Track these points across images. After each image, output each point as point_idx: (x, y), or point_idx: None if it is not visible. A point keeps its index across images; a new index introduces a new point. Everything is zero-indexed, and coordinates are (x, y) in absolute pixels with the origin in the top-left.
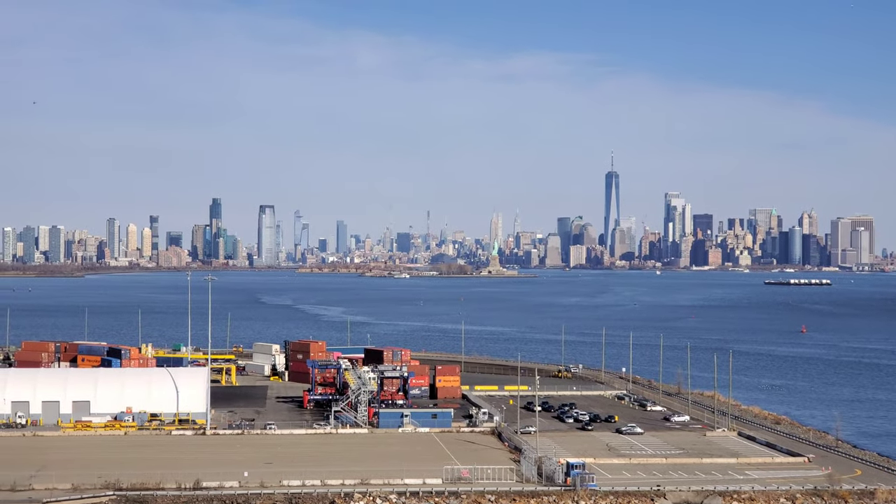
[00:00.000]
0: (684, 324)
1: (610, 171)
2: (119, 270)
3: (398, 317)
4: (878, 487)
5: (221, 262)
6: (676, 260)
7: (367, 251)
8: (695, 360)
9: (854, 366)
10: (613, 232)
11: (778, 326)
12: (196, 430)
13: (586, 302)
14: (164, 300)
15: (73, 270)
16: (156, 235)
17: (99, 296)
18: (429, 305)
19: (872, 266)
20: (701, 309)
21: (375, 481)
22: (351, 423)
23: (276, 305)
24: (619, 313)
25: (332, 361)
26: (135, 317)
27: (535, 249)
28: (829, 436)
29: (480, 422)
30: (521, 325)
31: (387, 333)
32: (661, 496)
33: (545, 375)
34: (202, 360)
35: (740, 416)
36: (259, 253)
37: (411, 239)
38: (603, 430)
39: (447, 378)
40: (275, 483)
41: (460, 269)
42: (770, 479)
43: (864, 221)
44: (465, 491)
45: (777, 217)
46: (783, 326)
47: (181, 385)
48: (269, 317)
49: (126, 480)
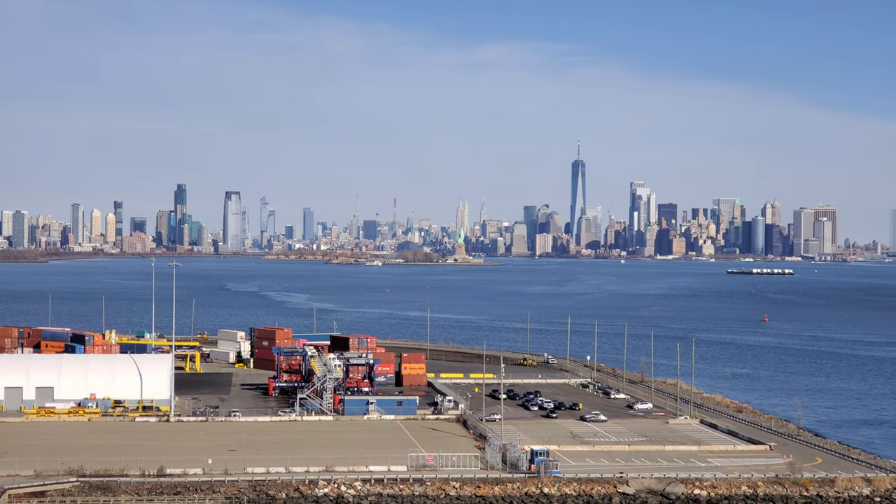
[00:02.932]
0: (649, 312)
1: (576, 160)
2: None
3: (364, 304)
4: (838, 475)
5: (186, 248)
6: (641, 249)
7: (334, 238)
8: (658, 348)
9: (815, 355)
10: (579, 221)
11: (740, 315)
12: (160, 416)
13: (552, 290)
14: (128, 286)
15: (37, 256)
16: (120, 221)
17: (63, 281)
18: (395, 293)
19: (835, 256)
20: (665, 298)
21: (340, 468)
22: (316, 410)
23: (241, 292)
24: (584, 302)
25: (297, 348)
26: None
27: (501, 238)
28: (791, 424)
29: (446, 409)
30: (486, 313)
31: (353, 321)
32: (623, 483)
33: (510, 363)
34: (166, 347)
35: (703, 404)
36: (224, 239)
37: (378, 226)
38: (567, 418)
39: (413, 366)
40: (239, 470)
41: (426, 257)
42: (732, 467)
43: (827, 212)
44: (430, 478)
45: (740, 207)
46: (745, 315)
47: (145, 372)
48: (234, 304)
49: (90, 467)
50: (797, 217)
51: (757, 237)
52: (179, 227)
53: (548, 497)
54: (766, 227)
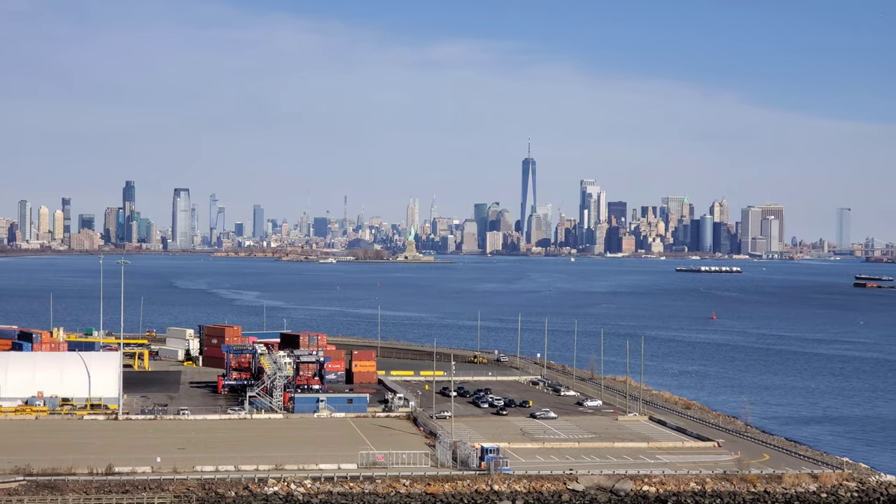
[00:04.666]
0: (598, 310)
1: (527, 158)
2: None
3: (315, 302)
4: (785, 472)
5: (135, 245)
6: (591, 247)
7: (284, 236)
8: (608, 345)
9: (763, 352)
10: (530, 218)
11: (689, 313)
12: (108, 415)
13: (502, 288)
14: (76, 284)
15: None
16: (68, 218)
17: (10, 279)
18: (346, 290)
19: (782, 254)
20: (615, 296)
21: (290, 466)
22: (266, 408)
23: (190, 290)
24: (534, 299)
25: (247, 346)
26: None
27: (451, 235)
28: (739, 421)
29: (396, 407)
30: (437, 310)
31: (303, 318)
32: (573, 480)
33: (461, 361)
34: (114, 345)
35: (651, 401)
36: (173, 237)
37: (328, 224)
38: (517, 415)
39: (363, 363)
40: (188, 468)
41: (377, 255)
42: (680, 464)
43: (774, 210)
44: (380, 476)
45: (689, 205)
46: (694, 313)
47: (93, 369)
48: (183, 301)
49: (37, 466)
50: (745, 215)
51: (705, 235)
52: (128, 224)
53: (498, 494)
54: (714, 226)
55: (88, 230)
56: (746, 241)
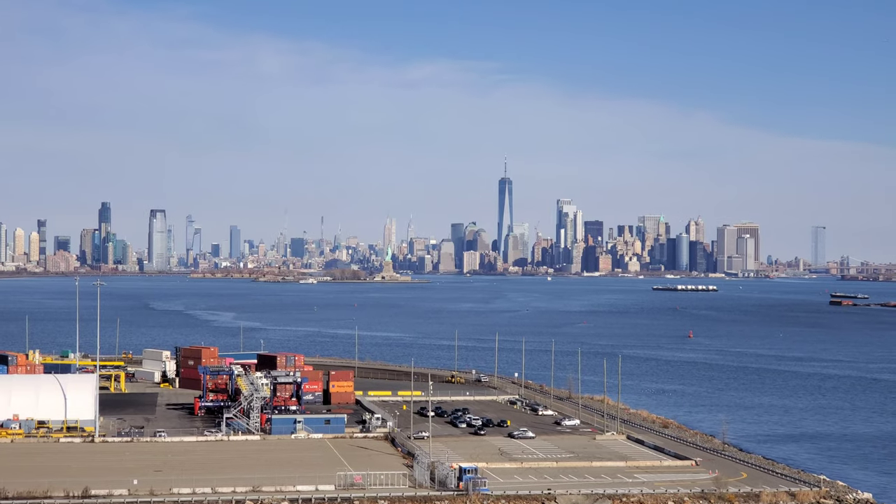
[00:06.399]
0: (575, 329)
1: (503, 178)
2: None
3: (292, 322)
4: (762, 490)
5: (111, 267)
6: (568, 266)
7: (261, 256)
8: (585, 365)
9: (740, 371)
10: (507, 238)
11: (666, 332)
12: (84, 437)
13: (480, 308)
14: (51, 306)
15: None
16: (43, 240)
17: None
18: (323, 311)
19: (758, 272)
20: (591, 315)
21: (267, 488)
22: (243, 429)
23: (166, 311)
24: (511, 319)
25: (223, 367)
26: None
27: (428, 255)
28: (716, 439)
29: (374, 427)
30: (414, 330)
31: (280, 339)
32: (551, 500)
33: (438, 381)
34: (91, 367)
35: (629, 420)
36: (150, 258)
37: (305, 244)
38: (495, 435)
39: (341, 384)
40: (165, 491)
41: (354, 275)
42: (658, 482)
43: (750, 229)
44: (358, 497)
45: (665, 224)
46: (671, 332)
47: (69, 392)
48: (159, 323)
49: (12, 489)
50: (720, 234)
51: (681, 254)
52: (104, 245)
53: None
54: (690, 244)
55: (64, 252)
56: (722, 259)
